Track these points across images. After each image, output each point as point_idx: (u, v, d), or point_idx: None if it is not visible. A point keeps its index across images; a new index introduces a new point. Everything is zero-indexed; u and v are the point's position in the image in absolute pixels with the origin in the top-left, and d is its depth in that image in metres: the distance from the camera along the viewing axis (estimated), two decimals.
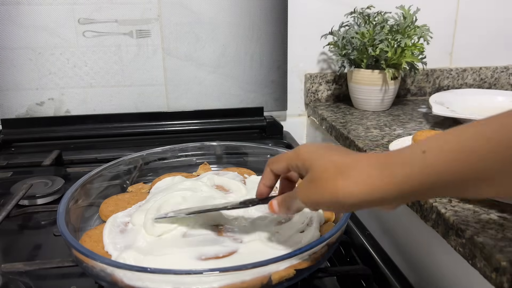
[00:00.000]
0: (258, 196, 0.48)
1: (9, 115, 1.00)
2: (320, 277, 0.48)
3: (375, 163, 0.35)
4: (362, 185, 0.35)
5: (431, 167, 0.32)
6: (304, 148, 0.42)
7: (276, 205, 0.45)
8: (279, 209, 0.45)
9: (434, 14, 1.12)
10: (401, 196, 0.34)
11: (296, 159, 0.42)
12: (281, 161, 0.44)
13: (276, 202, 0.45)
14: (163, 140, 0.98)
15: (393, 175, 0.33)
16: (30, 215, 0.67)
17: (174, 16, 1.01)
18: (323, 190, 0.37)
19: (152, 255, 0.46)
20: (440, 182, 0.32)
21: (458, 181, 0.31)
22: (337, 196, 0.36)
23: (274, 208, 0.45)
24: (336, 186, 0.36)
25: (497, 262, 0.43)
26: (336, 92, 1.16)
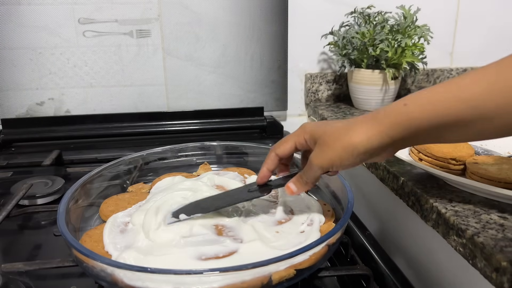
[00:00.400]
0: (260, 180, 0.53)
1: (9, 115, 1.00)
2: (320, 277, 0.48)
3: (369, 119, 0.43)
4: (364, 135, 0.42)
5: (411, 115, 0.40)
6: (308, 124, 0.48)
7: (293, 186, 0.50)
8: (297, 188, 0.50)
9: (434, 14, 1.12)
10: (392, 142, 0.42)
11: (303, 134, 0.48)
12: (287, 141, 0.50)
13: (292, 183, 0.50)
14: (163, 140, 0.98)
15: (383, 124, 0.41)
16: (30, 215, 0.67)
17: (174, 16, 1.01)
18: (335, 147, 0.44)
19: (152, 255, 0.46)
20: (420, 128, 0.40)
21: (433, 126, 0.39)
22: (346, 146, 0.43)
23: (293, 189, 0.50)
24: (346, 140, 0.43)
25: (498, 262, 0.43)
26: (337, 92, 1.16)
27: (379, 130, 0.42)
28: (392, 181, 0.66)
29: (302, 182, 0.49)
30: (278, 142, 0.51)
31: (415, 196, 0.59)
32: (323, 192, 0.66)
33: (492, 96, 0.37)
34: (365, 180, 0.81)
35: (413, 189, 0.60)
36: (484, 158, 0.61)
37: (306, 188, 0.50)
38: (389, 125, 0.41)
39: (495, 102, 0.36)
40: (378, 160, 0.45)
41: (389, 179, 0.67)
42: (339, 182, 0.59)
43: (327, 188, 0.65)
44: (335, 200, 0.61)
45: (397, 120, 0.41)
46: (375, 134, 0.42)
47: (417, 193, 0.59)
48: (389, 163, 0.69)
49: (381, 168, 0.70)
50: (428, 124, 0.39)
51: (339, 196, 0.60)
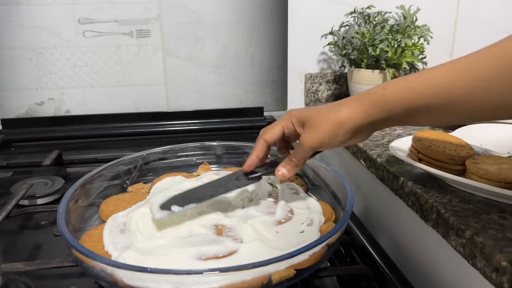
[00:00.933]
0: (248, 167, 0.53)
1: (9, 115, 1.00)
2: (320, 277, 0.48)
3: (353, 100, 0.47)
4: (348, 114, 0.46)
5: (389, 98, 0.44)
6: (294, 110, 0.51)
7: (283, 169, 0.51)
8: (288, 171, 0.51)
9: (434, 14, 1.12)
10: (371, 123, 0.46)
11: (290, 119, 0.51)
12: (275, 127, 0.52)
13: (282, 167, 0.51)
14: (163, 140, 0.98)
15: (364, 105, 0.45)
16: (30, 215, 0.67)
17: (174, 16, 1.01)
18: (323, 127, 0.47)
19: (152, 255, 0.46)
20: (396, 110, 0.44)
21: (408, 109, 0.43)
22: (334, 126, 0.46)
23: (283, 172, 0.51)
24: (333, 119, 0.46)
25: (497, 262, 0.43)
26: (336, 92, 1.16)
27: (361, 109, 0.45)
28: (392, 181, 0.66)
29: (293, 165, 0.51)
30: (265, 128, 0.53)
31: (415, 196, 0.59)
32: (323, 192, 0.66)
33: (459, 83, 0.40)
34: (365, 180, 0.81)
35: (412, 189, 0.60)
36: (484, 158, 0.61)
37: (296, 170, 0.52)
38: (369, 105, 0.45)
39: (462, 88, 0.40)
40: (358, 141, 0.49)
41: (388, 179, 0.67)
42: (339, 182, 0.59)
43: (327, 188, 0.65)
44: (335, 200, 0.61)
45: (377, 101, 0.45)
46: (358, 113, 0.45)
47: (417, 193, 0.59)
48: (389, 163, 0.69)
49: (381, 168, 0.70)
50: (404, 107, 0.43)
51: (339, 196, 0.60)
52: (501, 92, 0.38)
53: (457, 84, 0.40)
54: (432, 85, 0.42)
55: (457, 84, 0.40)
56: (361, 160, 0.78)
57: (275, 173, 0.52)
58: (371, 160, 0.74)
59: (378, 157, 0.72)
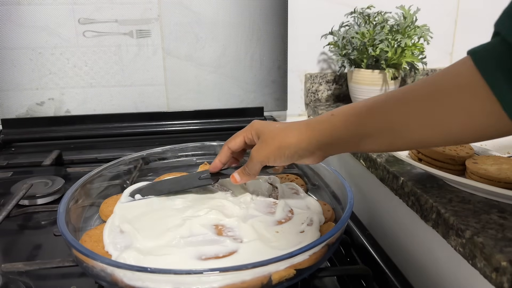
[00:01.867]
0: (212, 169, 0.58)
1: (9, 115, 1.00)
2: (320, 277, 0.48)
3: (304, 124, 0.49)
4: (295, 138, 0.48)
5: (335, 124, 0.46)
6: (256, 122, 0.54)
7: (237, 176, 0.56)
8: (240, 178, 0.55)
9: (434, 14, 1.12)
10: (318, 148, 0.48)
11: (250, 130, 0.54)
12: (237, 136, 0.56)
13: (237, 174, 0.56)
14: (163, 140, 0.98)
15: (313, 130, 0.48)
16: (30, 215, 0.67)
17: (174, 16, 1.01)
18: (270, 145, 0.50)
19: (152, 255, 0.46)
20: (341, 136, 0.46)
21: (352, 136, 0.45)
22: (280, 147, 0.49)
23: (237, 178, 0.56)
24: (280, 141, 0.49)
25: (497, 262, 0.43)
26: (336, 92, 1.16)
27: (308, 135, 0.48)
28: (392, 181, 0.66)
29: (245, 173, 0.55)
30: (231, 137, 0.57)
31: (415, 196, 0.59)
32: (323, 192, 0.66)
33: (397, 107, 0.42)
34: (365, 180, 0.81)
35: (412, 189, 0.60)
36: (484, 158, 0.61)
37: (249, 179, 0.56)
38: (317, 131, 0.47)
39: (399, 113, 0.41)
40: (309, 162, 0.51)
41: (389, 179, 0.67)
42: (339, 182, 0.59)
43: (327, 188, 0.65)
44: (335, 200, 0.61)
45: (324, 127, 0.47)
46: (304, 138, 0.48)
47: (417, 193, 0.59)
48: (389, 163, 0.69)
49: (381, 168, 0.70)
50: (348, 134, 0.45)
51: (339, 196, 0.60)
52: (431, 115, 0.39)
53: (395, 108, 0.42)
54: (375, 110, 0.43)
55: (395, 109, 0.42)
56: (361, 160, 0.78)
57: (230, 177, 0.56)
58: (371, 160, 0.74)
59: (378, 157, 0.72)
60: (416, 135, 0.41)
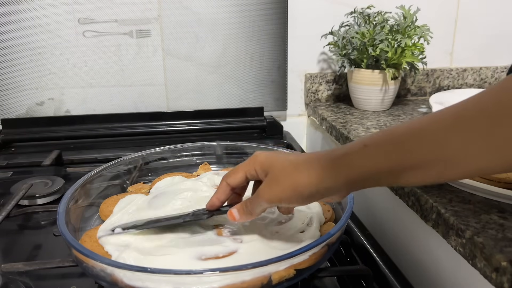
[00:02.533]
0: (209, 207, 0.49)
1: (9, 115, 1.00)
2: (320, 277, 0.48)
3: (326, 158, 0.40)
4: (315, 177, 0.40)
5: (370, 157, 0.38)
6: (259, 155, 0.46)
7: (236, 213, 0.47)
8: (240, 216, 0.47)
9: (434, 14, 1.12)
10: (346, 184, 0.40)
11: (253, 165, 0.45)
12: (238, 172, 0.47)
13: (236, 210, 0.47)
14: (163, 140, 0.98)
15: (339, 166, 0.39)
16: (30, 215, 0.67)
17: (174, 16, 1.01)
18: (284, 186, 0.42)
19: (152, 255, 0.46)
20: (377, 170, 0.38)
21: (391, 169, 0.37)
22: (296, 188, 0.41)
23: (235, 216, 0.47)
24: (295, 180, 0.41)
25: (497, 262, 0.43)
26: (336, 92, 1.16)
27: (333, 171, 0.39)
28: None
29: (247, 211, 0.46)
30: (230, 171, 0.48)
31: (415, 196, 0.59)
32: None
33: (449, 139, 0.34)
34: None
35: (413, 189, 0.60)
36: None
37: (250, 218, 0.47)
38: (345, 166, 0.39)
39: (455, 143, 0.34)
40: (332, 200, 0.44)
41: None
42: None
43: None
44: None
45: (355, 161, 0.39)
46: (328, 176, 0.40)
47: (417, 193, 0.59)
48: None
49: None
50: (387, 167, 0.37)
51: None
52: None
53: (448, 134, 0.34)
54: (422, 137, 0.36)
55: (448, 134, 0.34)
56: None
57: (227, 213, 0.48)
58: None
59: None
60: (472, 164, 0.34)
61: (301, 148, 0.98)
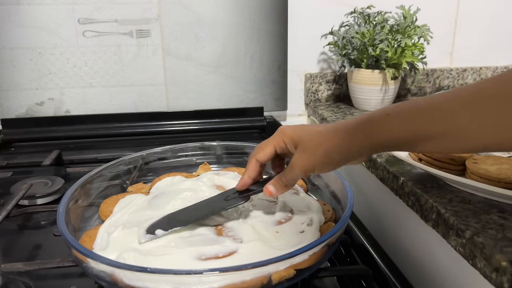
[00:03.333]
0: (241, 187, 0.52)
1: (9, 115, 1.00)
2: (320, 277, 0.48)
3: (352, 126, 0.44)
4: (344, 143, 0.44)
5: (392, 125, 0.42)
6: (286, 128, 0.49)
7: (272, 188, 0.50)
8: (276, 190, 0.50)
9: (434, 14, 1.12)
10: (370, 148, 0.44)
11: (282, 138, 0.49)
12: (267, 146, 0.50)
13: (272, 186, 0.50)
14: (163, 140, 0.98)
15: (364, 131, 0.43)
16: (30, 215, 0.67)
17: (174, 16, 1.01)
18: (316, 154, 0.45)
19: (152, 255, 0.46)
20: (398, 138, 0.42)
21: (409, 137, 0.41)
22: (328, 154, 0.45)
23: (271, 191, 0.50)
24: (326, 147, 0.45)
25: (497, 262, 0.43)
26: (336, 92, 1.16)
27: (359, 137, 0.43)
28: (392, 181, 0.66)
29: (282, 184, 0.49)
30: (257, 148, 0.51)
31: (415, 196, 0.59)
32: (323, 192, 0.66)
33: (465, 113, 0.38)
34: (365, 180, 0.81)
35: (413, 189, 0.60)
36: (484, 158, 0.61)
37: (285, 190, 0.50)
38: (370, 133, 0.43)
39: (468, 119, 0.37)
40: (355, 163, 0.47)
41: (389, 179, 0.67)
42: (339, 182, 0.59)
43: (327, 188, 0.65)
44: (335, 200, 0.61)
45: (378, 128, 0.42)
46: (355, 142, 0.44)
47: (417, 193, 0.59)
48: (389, 163, 0.69)
49: (381, 168, 0.70)
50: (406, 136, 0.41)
51: (339, 196, 0.60)
52: None
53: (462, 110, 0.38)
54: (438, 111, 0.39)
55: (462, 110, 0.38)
56: None
57: (263, 191, 0.50)
58: (371, 160, 0.74)
59: (378, 157, 0.72)
60: (483, 139, 0.37)
61: None
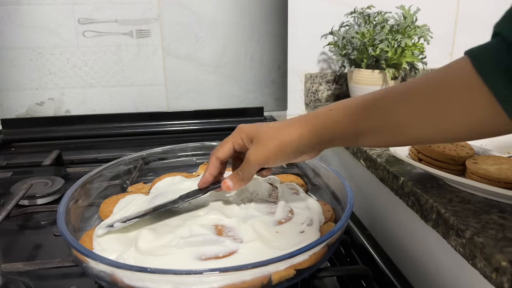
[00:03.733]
0: (202, 184, 0.54)
1: (9, 115, 1.00)
2: (320, 277, 0.48)
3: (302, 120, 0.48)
4: (297, 134, 0.47)
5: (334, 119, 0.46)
6: (244, 126, 0.52)
7: (229, 182, 0.52)
8: (234, 184, 0.52)
9: (434, 14, 1.12)
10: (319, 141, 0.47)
11: (239, 135, 0.51)
12: (225, 144, 0.52)
13: (229, 180, 0.52)
14: (163, 140, 0.98)
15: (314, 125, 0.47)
16: (30, 215, 0.67)
17: (174, 16, 1.01)
18: (270, 146, 0.48)
19: (152, 255, 0.46)
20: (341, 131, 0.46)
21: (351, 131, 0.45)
22: (281, 146, 0.48)
23: (229, 185, 0.52)
24: (279, 140, 0.48)
25: (497, 262, 0.43)
26: (336, 92, 1.16)
27: (309, 129, 0.47)
28: (392, 181, 0.66)
29: (239, 178, 0.52)
30: (217, 147, 0.53)
31: (415, 196, 0.59)
32: (323, 192, 0.66)
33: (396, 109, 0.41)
34: (365, 180, 0.81)
35: (413, 189, 0.60)
36: (484, 158, 0.61)
37: (242, 184, 0.52)
38: (318, 126, 0.46)
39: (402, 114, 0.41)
40: (308, 158, 0.50)
41: (389, 179, 0.67)
42: (339, 182, 0.59)
43: (327, 188, 0.65)
44: (335, 200, 0.61)
45: (324, 122, 0.46)
46: (305, 134, 0.47)
47: (417, 193, 0.59)
48: (389, 163, 0.69)
49: (381, 168, 0.70)
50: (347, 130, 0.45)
51: (339, 196, 0.60)
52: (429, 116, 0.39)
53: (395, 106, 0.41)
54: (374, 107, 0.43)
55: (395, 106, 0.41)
56: (361, 160, 0.78)
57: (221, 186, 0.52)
58: (371, 160, 0.74)
59: (378, 157, 0.72)
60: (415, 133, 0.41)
61: None
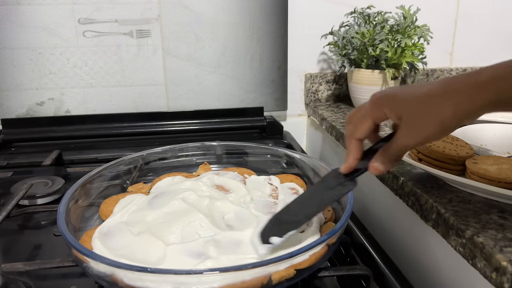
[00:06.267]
0: (347, 170, 0.47)
1: (9, 115, 1.00)
2: (320, 277, 0.48)
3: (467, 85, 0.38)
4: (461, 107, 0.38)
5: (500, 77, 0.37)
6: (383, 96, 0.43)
7: (378, 165, 0.44)
8: (384, 166, 0.44)
9: (434, 14, 1.12)
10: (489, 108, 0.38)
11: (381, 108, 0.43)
12: (365, 121, 0.44)
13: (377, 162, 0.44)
14: (163, 140, 0.98)
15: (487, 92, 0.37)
16: (30, 215, 0.67)
17: (174, 16, 1.01)
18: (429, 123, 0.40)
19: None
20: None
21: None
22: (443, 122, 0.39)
23: (379, 168, 0.44)
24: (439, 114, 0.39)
25: (497, 262, 0.43)
26: (336, 92, 1.16)
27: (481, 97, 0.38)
28: (392, 181, 0.66)
29: (388, 160, 0.44)
30: (351, 125, 0.46)
31: (415, 196, 0.59)
32: None
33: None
34: (365, 180, 0.81)
35: (413, 189, 0.60)
36: (484, 158, 0.61)
37: (392, 166, 0.46)
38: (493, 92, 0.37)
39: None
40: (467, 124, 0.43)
41: (389, 179, 0.67)
42: None
43: None
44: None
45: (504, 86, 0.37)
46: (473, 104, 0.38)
47: (417, 193, 0.59)
48: None
49: None
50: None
51: None
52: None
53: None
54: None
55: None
56: None
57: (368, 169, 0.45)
58: None
59: None
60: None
61: (301, 148, 0.98)
